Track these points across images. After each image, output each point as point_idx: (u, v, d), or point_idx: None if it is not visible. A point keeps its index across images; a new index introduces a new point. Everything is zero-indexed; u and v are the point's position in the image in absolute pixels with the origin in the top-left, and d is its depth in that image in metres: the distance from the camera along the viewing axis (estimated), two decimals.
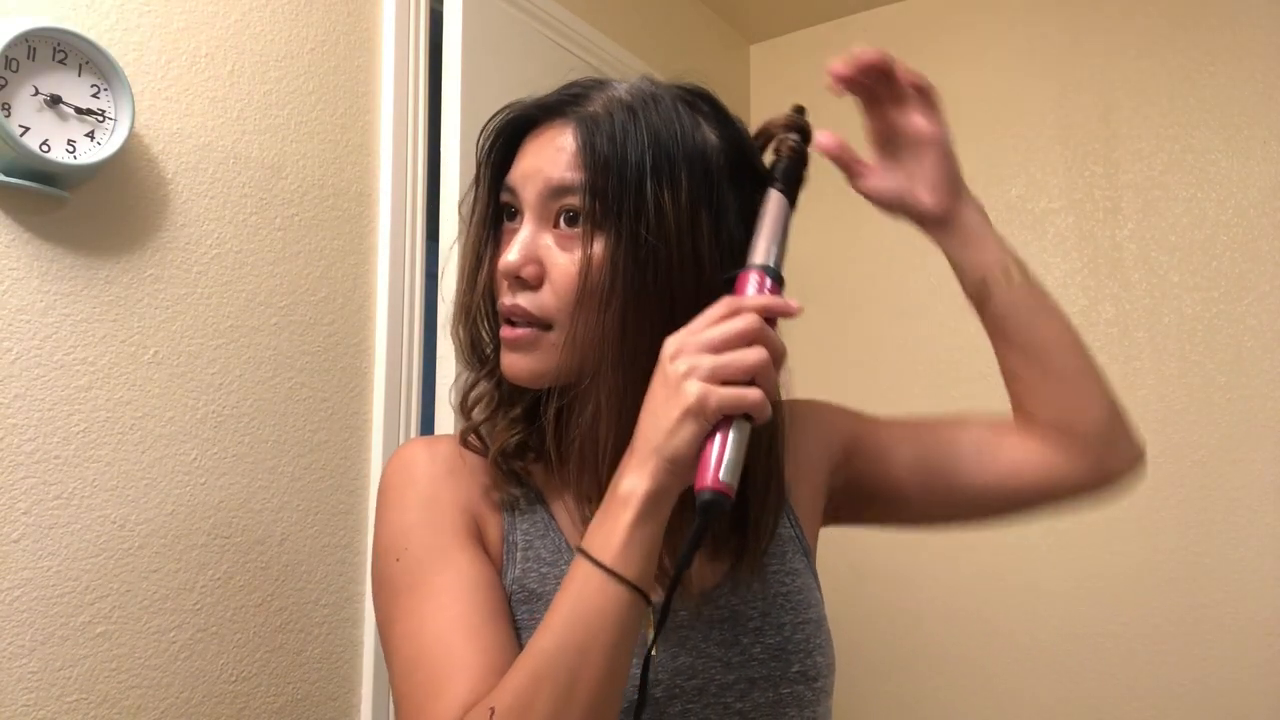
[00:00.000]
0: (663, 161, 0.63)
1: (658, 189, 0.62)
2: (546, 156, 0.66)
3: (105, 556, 1.11)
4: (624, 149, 0.63)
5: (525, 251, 0.65)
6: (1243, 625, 1.80)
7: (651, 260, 0.62)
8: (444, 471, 0.71)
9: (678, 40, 2.27)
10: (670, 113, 0.65)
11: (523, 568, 0.69)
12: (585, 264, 0.63)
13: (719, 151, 0.66)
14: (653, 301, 0.62)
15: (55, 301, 1.09)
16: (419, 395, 1.51)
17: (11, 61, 1.03)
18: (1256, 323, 1.87)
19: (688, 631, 0.68)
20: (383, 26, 1.51)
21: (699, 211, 0.63)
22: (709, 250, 0.63)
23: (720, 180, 0.65)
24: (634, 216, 0.62)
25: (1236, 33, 1.95)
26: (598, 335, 0.63)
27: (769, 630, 0.70)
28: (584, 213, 0.63)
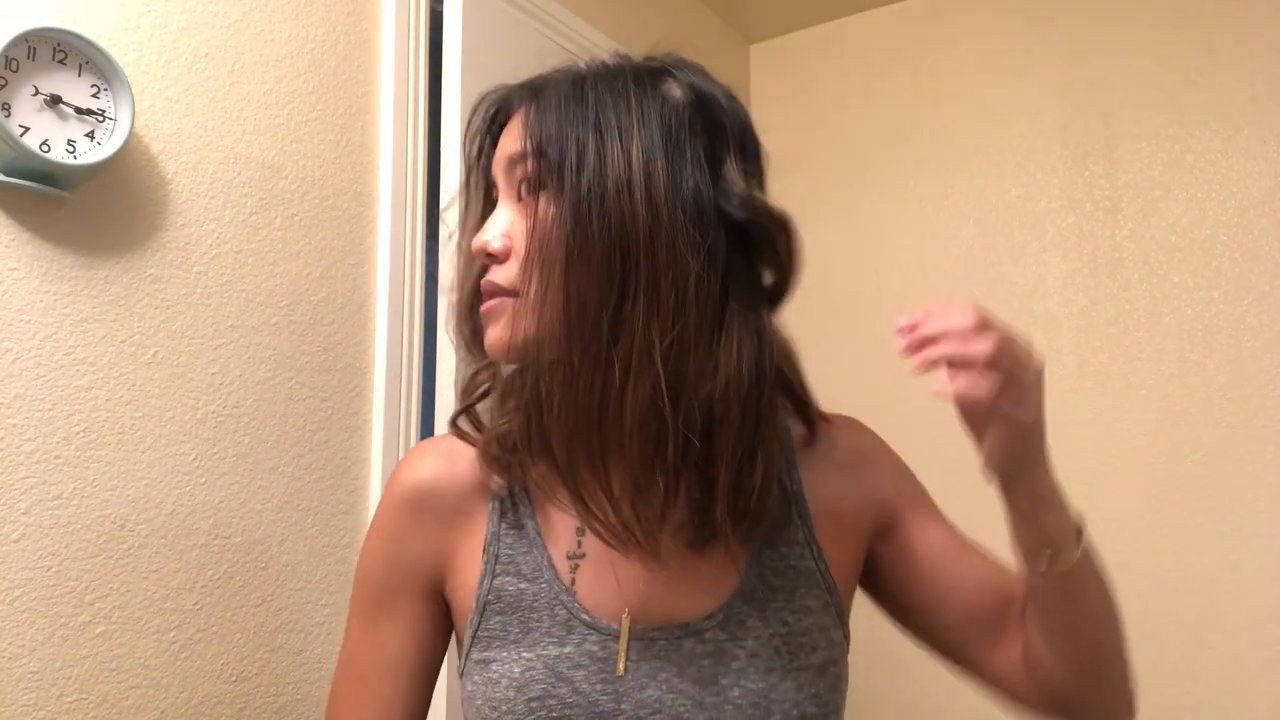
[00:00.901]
0: (607, 118, 0.63)
1: (600, 143, 0.62)
2: (508, 137, 0.67)
3: (105, 556, 1.11)
4: (564, 111, 0.63)
5: (495, 229, 0.66)
6: (1243, 625, 1.80)
7: (595, 212, 0.61)
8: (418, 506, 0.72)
9: (678, 40, 2.26)
10: (626, 77, 0.65)
11: (502, 580, 0.69)
12: (532, 225, 0.63)
13: (680, 105, 0.65)
14: (599, 253, 0.61)
15: (55, 301, 1.09)
16: (419, 395, 1.51)
17: (11, 61, 1.03)
18: (1256, 323, 1.87)
19: (662, 663, 0.65)
20: (383, 26, 1.51)
21: (652, 161, 0.62)
22: (665, 198, 0.61)
23: (681, 132, 0.64)
24: (575, 170, 0.61)
25: (1236, 33, 1.95)
26: (551, 295, 0.62)
27: (753, 674, 0.65)
28: (532, 177, 0.64)
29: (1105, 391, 1.97)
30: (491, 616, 0.68)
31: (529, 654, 0.66)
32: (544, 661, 0.66)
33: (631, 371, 0.60)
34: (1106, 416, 1.96)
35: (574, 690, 0.64)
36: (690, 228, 0.62)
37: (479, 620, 0.69)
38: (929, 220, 2.24)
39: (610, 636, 0.66)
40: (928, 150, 2.27)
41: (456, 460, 0.73)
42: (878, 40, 2.39)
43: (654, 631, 0.66)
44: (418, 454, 0.75)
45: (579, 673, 0.65)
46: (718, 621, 0.67)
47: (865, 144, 2.36)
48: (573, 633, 0.66)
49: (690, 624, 0.67)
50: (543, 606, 0.67)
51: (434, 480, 0.73)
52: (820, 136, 2.43)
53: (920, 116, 2.29)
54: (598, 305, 0.61)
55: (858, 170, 2.35)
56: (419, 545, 0.72)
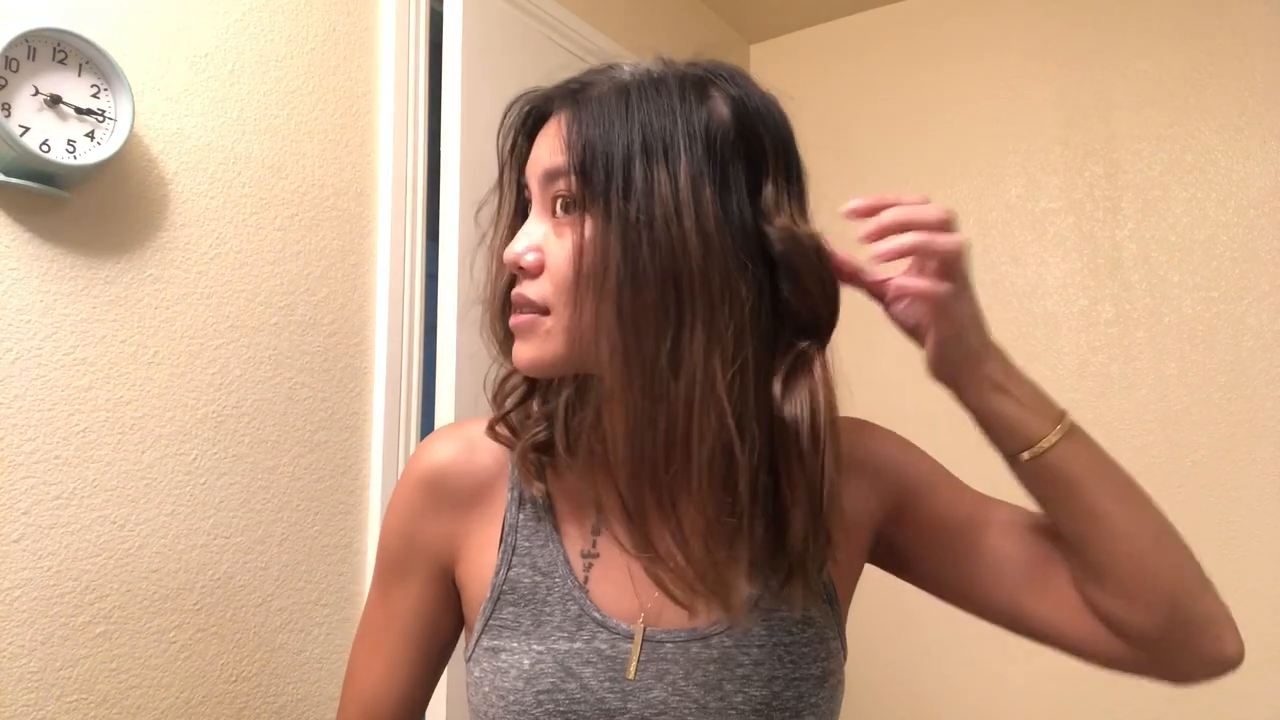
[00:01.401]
0: (655, 139, 0.60)
1: (647, 166, 0.59)
2: (545, 145, 0.65)
3: (105, 556, 1.11)
4: (610, 128, 0.61)
5: (528, 241, 0.64)
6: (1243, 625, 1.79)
7: (645, 240, 0.59)
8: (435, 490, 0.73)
9: (678, 40, 2.27)
10: (671, 90, 0.62)
11: (517, 571, 0.70)
12: (577, 249, 0.61)
13: (727, 126, 0.63)
14: (652, 283, 0.59)
15: (55, 301, 1.09)
16: (419, 395, 1.51)
17: (11, 61, 1.03)
18: (1256, 323, 1.87)
19: (669, 665, 0.66)
20: (383, 26, 1.51)
21: (700, 187, 0.60)
22: (715, 226, 0.60)
23: (726, 155, 0.62)
24: (623, 195, 0.59)
25: (1236, 33, 1.95)
26: (594, 322, 0.60)
27: (757, 681, 0.66)
28: (573, 196, 0.62)
29: (1105, 391, 1.97)
30: (505, 606, 0.69)
31: (539, 646, 0.67)
32: (554, 655, 0.66)
33: (696, 406, 0.59)
34: (1106, 416, 1.96)
35: (582, 686, 0.65)
36: (740, 255, 0.61)
37: (492, 609, 0.69)
38: None
39: (619, 636, 0.67)
40: (928, 150, 2.27)
41: (477, 447, 0.74)
42: (878, 40, 2.39)
43: (662, 634, 0.67)
44: (439, 437, 0.76)
45: (588, 669, 0.66)
46: (724, 629, 0.67)
47: (865, 144, 2.36)
48: (583, 629, 0.67)
49: (698, 629, 0.67)
50: (555, 601, 0.68)
51: (452, 465, 0.73)
52: (820, 137, 2.42)
53: (920, 116, 2.29)
54: (655, 338, 0.59)
55: (858, 170, 2.35)
56: (433, 528, 0.73)
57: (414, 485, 0.74)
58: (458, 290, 1.50)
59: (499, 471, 0.73)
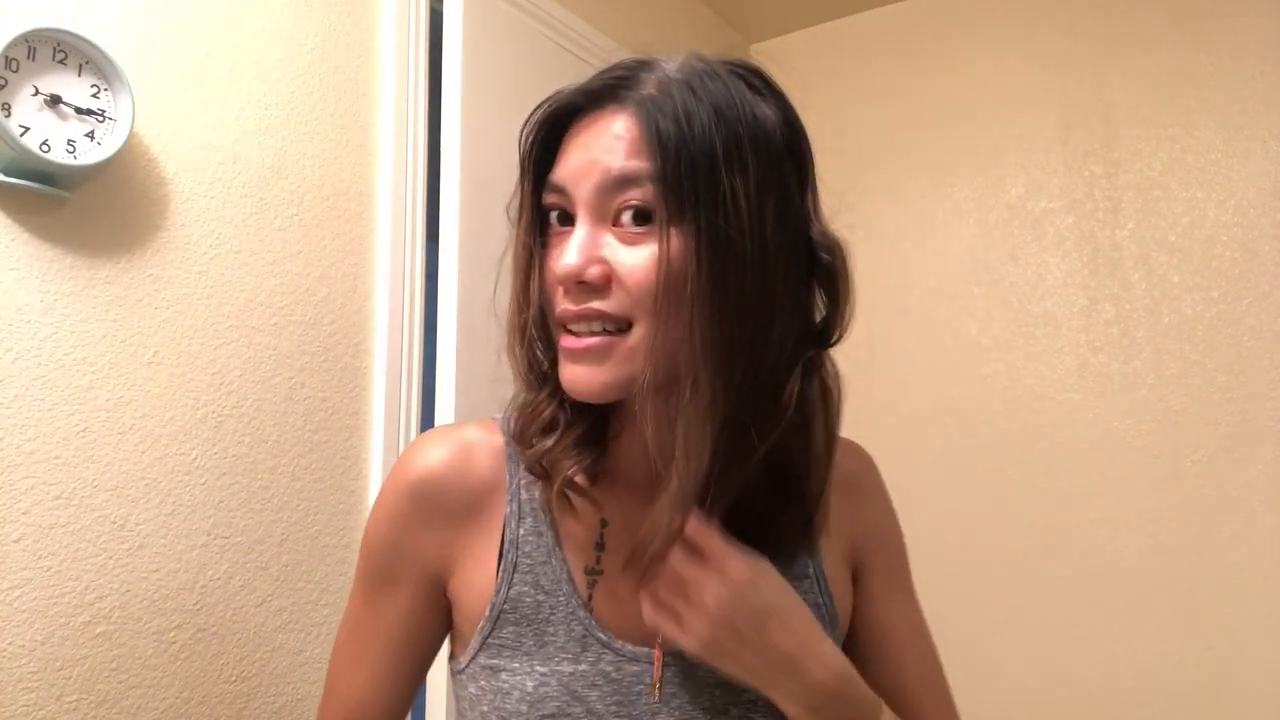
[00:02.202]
0: (731, 144, 0.57)
1: (730, 174, 0.57)
2: (602, 146, 0.59)
3: (105, 556, 1.11)
4: (692, 130, 0.57)
5: (585, 253, 0.59)
6: (1243, 625, 1.80)
7: (735, 253, 0.57)
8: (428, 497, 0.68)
9: (678, 40, 2.27)
10: (729, 88, 0.59)
11: (519, 590, 0.67)
12: (664, 261, 0.57)
13: (778, 130, 0.61)
14: (743, 298, 0.57)
15: (55, 301, 1.09)
16: (419, 395, 1.51)
17: (11, 61, 1.03)
18: (1256, 323, 1.87)
19: (676, 689, 0.65)
20: (383, 26, 1.51)
21: (766, 198, 0.58)
22: (774, 238, 0.59)
23: (783, 161, 0.61)
24: (711, 206, 0.56)
25: (1236, 32, 1.95)
26: (685, 339, 0.57)
27: (762, 705, 0.65)
28: (656, 205, 0.57)
29: (1105, 391, 1.97)
30: (505, 626, 0.66)
31: (543, 668, 0.65)
32: (559, 678, 0.64)
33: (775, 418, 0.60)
34: (1106, 416, 1.96)
35: (589, 710, 0.64)
36: (796, 267, 0.61)
37: (491, 628, 0.67)
38: (929, 220, 2.24)
39: (624, 658, 0.65)
40: (928, 150, 2.27)
41: (474, 454, 0.69)
42: (878, 40, 2.39)
43: (669, 657, 0.66)
44: (431, 442, 0.70)
45: (594, 693, 0.64)
46: None
47: (865, 144, 2.36)
48: (587, 650, 0.65)
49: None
50: (559, 620, 0.66)
51: (446, 474, 0.68)
52: (820, 136, 2.41)
53: (920, 116, 2.29)
54: (747, 344, 0.58)
55: (858, 170, 2.34)
56: (423, 540, 0.69)
57: (404, 493, 0.69)
58: (458, 290, 1.50)
59: (497, 482, 0.69)
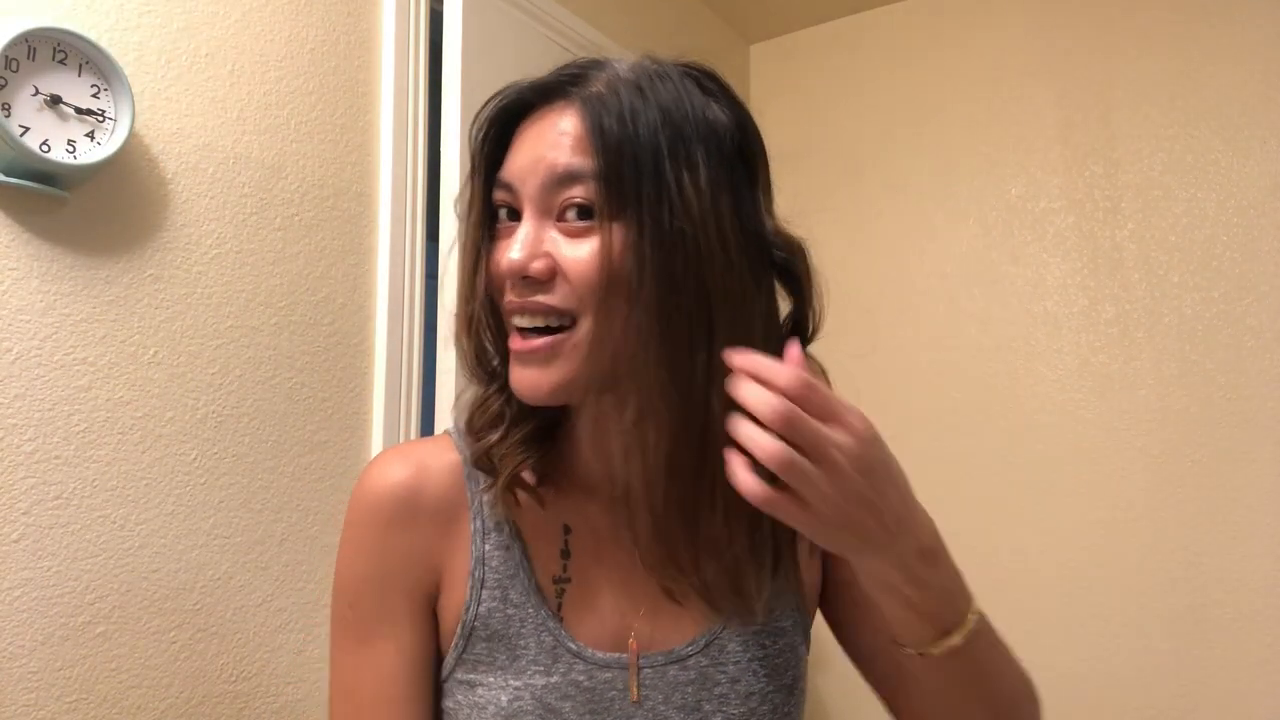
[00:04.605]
0: (677, 142, 0.57)
1: (677, 170, 0.57)
2: (548, 142, 0.60)
3: (105, 556, 1.11)
4: (636, 129, 0.57)
5: (530, 248, 0.59)
6: (1243, 625, 1.79)
7: (680, 247, 0.56)
8: (401, 517, 0.66)
9: (678, 40, 2.27)
10: (679, 90, 0.60)
11: (488, 606, 0.66)
12: (605, 255, 0.57)
13: (730, 129, 0.61)
14: (688, 291, 0.57)
15: (55, 301, 1.09)
16: (419, 395, 1.51)
17: (11, 61, 1.03)
18: (1256, 323, 1.87)
19: (649, 691, 0.65)
20: (383, 26, 1.51)
21: (719, 194, 0.58)
22: (733, 235, 0.58)
23: (735, 160, 0.60)
24: (654, 202, 0.56)
25: (1236, 32, 1.95)
26: (629, 334, 0.57)
27: (734, 699, 0.66)
28: (598, 202, 0.57)
29: (1105, 391, 1.97)
30: (478, 643, 0.66)
31: (516, 682, 0.65)
32: (532, 692, 0.64)
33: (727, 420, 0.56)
34: (1106, 416, 1.96)
35: None
36: (755, 265, 0.60)
37: (464, 645, 0.67)
38: (929, 220, 2.24)
39: (596, 666, 0.65)
40: (928, 150, 2.27)
41: (429, 470, 0.68)
42: (878, 40, 2.39)
43: (642, 659, 0.66)
44: (386, 462, 0.69)
45: (567, 704, 0.64)
46: (700, 648, 0.67)
47: (865, 144, 2.36)
48: (559, 661, 0.65)
49: (675, 651, 0.67)
50: (529, 633, 0.66)
51: (414, 485, 0.67)
52: (820, 136, 2.43)
53: (920, 116, 2.29)
54: (692, 348, 0.57)
55: (858, 170, 2.34)
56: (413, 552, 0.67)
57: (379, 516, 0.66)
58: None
59: (459, 500, 0.68)
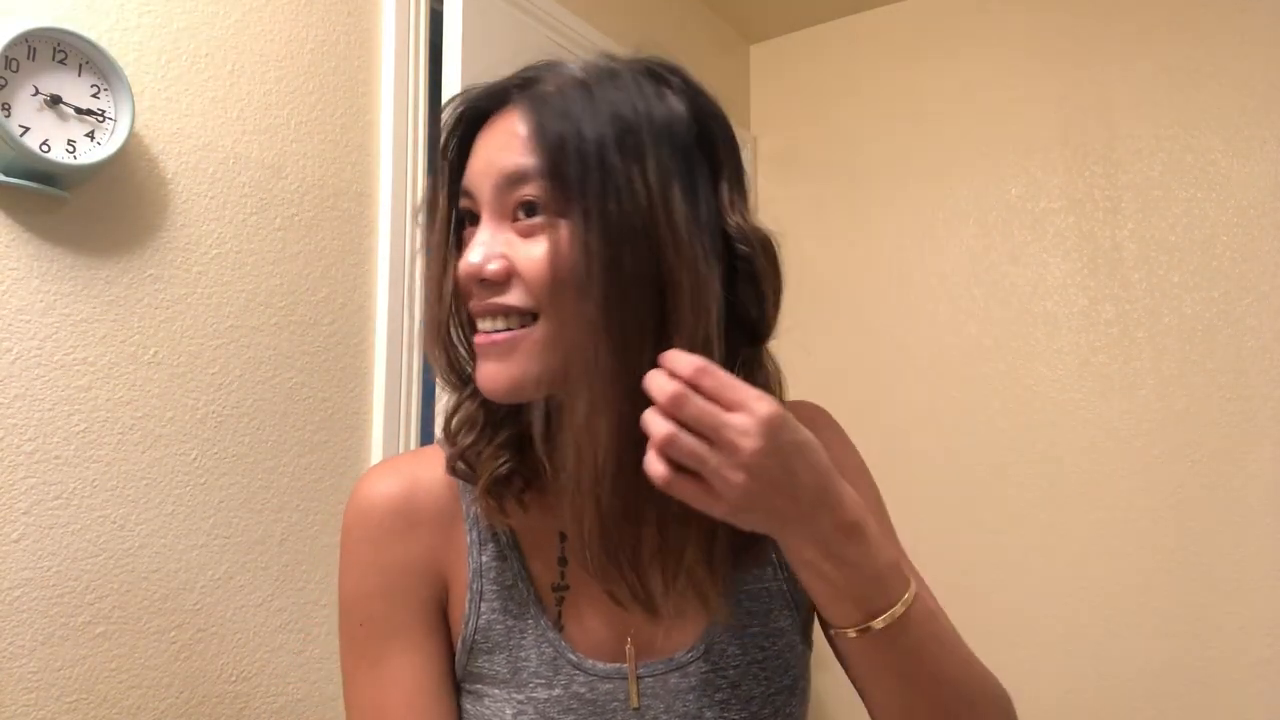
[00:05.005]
0: (625, 135, 0.57)
1: (623, 164, 0.57)
2: (499, 145, 0.61)
3: (105, 556, 1.11)
4: (579, 125, 0.57)
5: (486, 251, 0.60)
6: (1243, 625, 1.79)
7: (626, 241, 0.56)
8: (401, 525, 0.67)
9: (678, 40, 2.27)
10: (630, 85, 0.60)
11: (488, 619, 0.66)
12: (554, 252, 0.57)
13: (687, 122, 0.60)
14: (636, 285, 0.56)
15: (55, 301, 1.09)
16: (419, 395, 1.51)
17: (11, 61, 1.03)
18: (1256, 323, 1.87)
19: (651, 700, 0.65)
20: (383, 26, 1.51)
21: (670, 185, 0.57)
22: (685, 227, 0.57)
23: (688, 151, 0.60)
24: (599, 196, 0.56)
25: (1236, 33, 1.95)
26: (581, 327, 0.57)
27: (735, 704, 0.65)
28: (544, 199, 0.58)
29: (1105, 391, 1.97)
30: (479, 656, 0.66)
31: (519, 696, 0.65)
32: (535, 705, 0.64)
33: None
34: (1107, 416, 1.96)
35: None
36: (710, 257, 0.58)
37: (467, 658, 0.67)
38: (929, 220, 2.24)
39: (597, 678, 0.65)
40: (928, 150, 2.27)
41: (420, 481, 0.68)
42: (878, 40, 2.39)
43: (642, 668, 0.66)
44: (376, 477, 0.69)
45: (569, 717, 0.64)
46: (700, 653, 0.66)
47: (865, 144, 2.35)
48: (559, 673, 0.65)
49: (674, 658, 0.66)
50: (530, 645, 0.66)
51: (407, 495, 0.68)
52: (820, 136, 2.43)
53: (920, 116, 2.29)
54: (640, 342, 0.56)
55: (857, 170, 2.34)
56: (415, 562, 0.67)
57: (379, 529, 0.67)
58: None
59: (453, 510, 0.68)
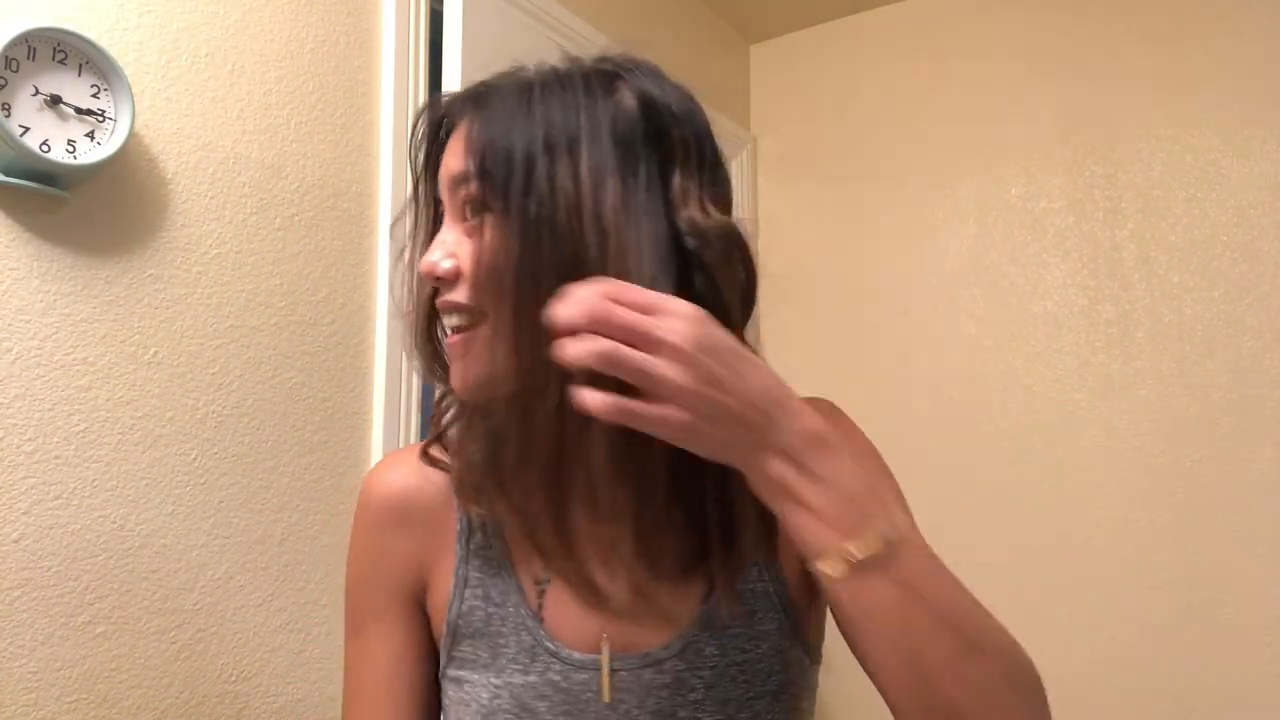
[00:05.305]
0: (556, 134, 0.59)
1: (549, 162, 0.58)
2: (452, 150, 0.64)
3: (105, 556, 1.11)
4: (510, 126, 0.60)
5: (442, 250, 0.63)
6: (1243, 625, 1.79)
7: (547, 236, 0.57)
8: (394, 519, 0.72)
9: (678, 40, 2.27)
10: (576, 85, 0.62)
11: (469, 604, 0.68)
12: (478, 249, 0.60)
13: (633, 118, 0.61)
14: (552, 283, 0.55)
15: (55, 301, 1.09)
16: (419, 395, 1.51)
17: (11, 61, 1.03)
18: (1256, 323, 1.87)
19: (624, 694, 0.65)
20: (383, 26, 1.51)
21: (603, 180, 0.58)
22: (616, 222, 0.58)
23: (633, 147, 0.60)
24: (522, 194, 0.58)
25: (1236, 33, 1.95)
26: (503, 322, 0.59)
27: (710, 705, 0.64)
28: (477, 198, 0.61)
29: (1105, 391, 1.97)
30: (462, 641, 0.68)
31: (497, 680, 0.66)
32: (510, 690, 0.66)
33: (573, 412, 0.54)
34: (1106, 416, 1.96)
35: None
36: (647, 251, 0.58)
37: (451, 643, 0.69)
38: (929, 220, 2.24)
39: (573, 667, 0.66)
40: (928, 150, 2.27)
41: (427, 474, 0.72)
42: (878, 40, 2.39)
43: (616, 661, 0.66)
44: (389, 465, 0.75)
45: (542, 704, 0.65)
46: (676, 651, 0.66)
47: (865, 144, 2.35)
48: (536, 660, 0.66)
49: (650, 654, 0.66)
50: (510, 632, 0.67)
51: (411, 490, 0.72)
52: (820, 136, 2.43)
53: (920, 116, 2.29)
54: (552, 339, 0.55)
55: (857, 170, 2.34)
56: (404, 552, 0.72)
57: (378, 515, 0.73)
58: None
59: (448, 500, 0.71)
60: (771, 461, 0.52)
